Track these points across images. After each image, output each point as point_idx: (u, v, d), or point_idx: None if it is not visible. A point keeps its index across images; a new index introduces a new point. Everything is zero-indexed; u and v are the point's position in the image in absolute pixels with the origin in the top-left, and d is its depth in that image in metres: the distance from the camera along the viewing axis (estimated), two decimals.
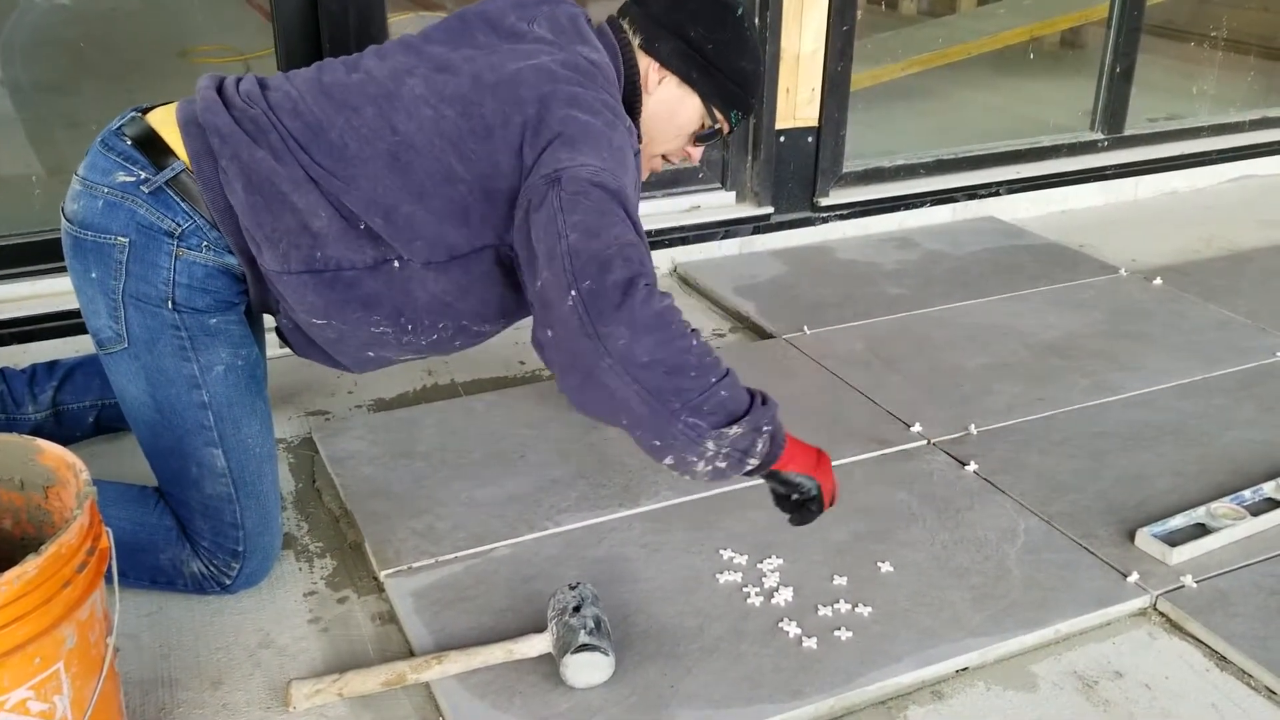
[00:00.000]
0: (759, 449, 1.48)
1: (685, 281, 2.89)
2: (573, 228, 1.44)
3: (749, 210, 3.00)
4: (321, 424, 2.14)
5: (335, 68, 1.65)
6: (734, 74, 1.72)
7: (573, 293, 1.41)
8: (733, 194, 3.01)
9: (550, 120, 1.52)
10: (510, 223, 1.55)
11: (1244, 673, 1.55)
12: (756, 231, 3.01)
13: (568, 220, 1.44)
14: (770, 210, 3.00)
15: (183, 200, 1.56)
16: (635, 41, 1.71)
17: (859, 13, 2.99)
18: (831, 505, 1.61)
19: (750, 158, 2.97)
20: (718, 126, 1.76)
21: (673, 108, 1.73)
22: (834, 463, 1.95)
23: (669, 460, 1.47)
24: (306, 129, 1.56)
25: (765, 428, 1.48)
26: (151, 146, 1.58)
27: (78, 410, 1.95)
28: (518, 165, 1.53)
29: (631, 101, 1.71)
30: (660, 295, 1.46)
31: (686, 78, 1.71)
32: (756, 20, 2.81)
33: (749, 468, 1.50)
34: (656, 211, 2.90)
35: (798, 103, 2.93)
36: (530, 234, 1.48)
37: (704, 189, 2.99)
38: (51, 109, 2.94)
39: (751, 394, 1.50)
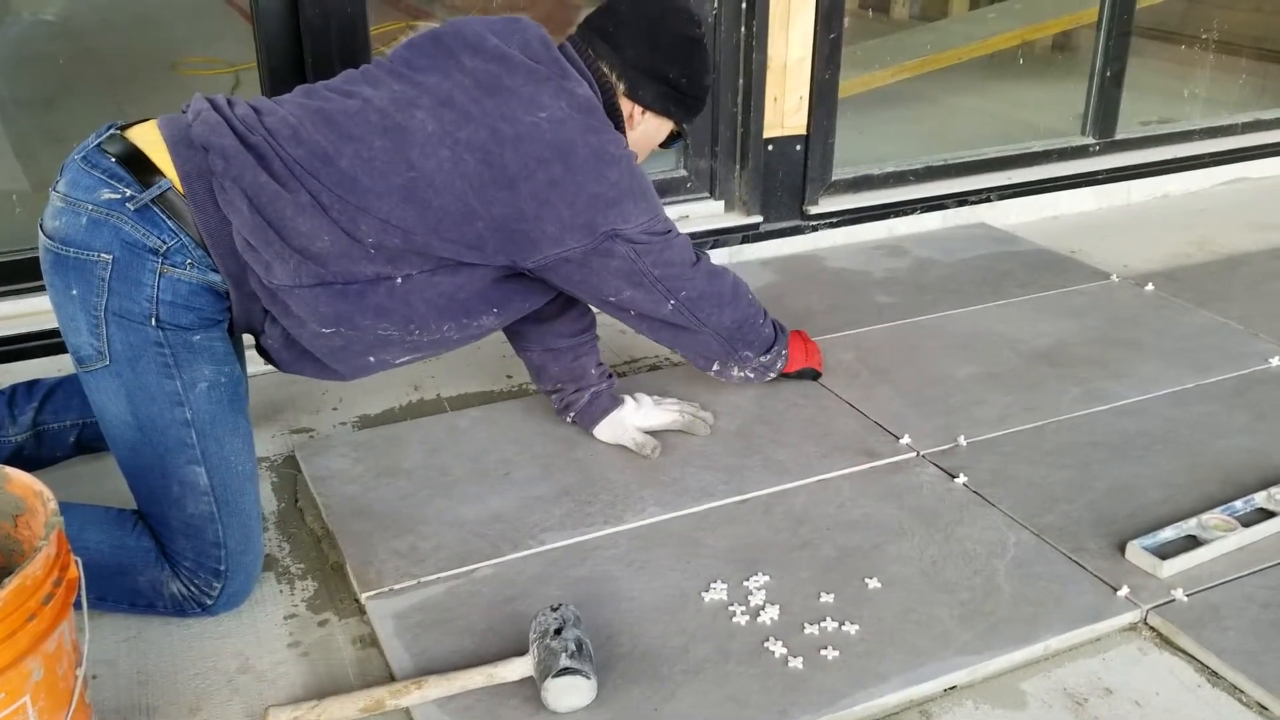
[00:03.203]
0: (778, 365, 2.17)
1: None
2: (654, 265, 1.79)
3: (737, 219, 2.98)
4: (305, 442, 2.12)
5: (328, 95, 1.68)
6: (701, 93, 1.89)
7: (671, 302, 1.86)
8: (721, 203, 2.99)
9: (581, 180, 1.66)
10: (524, 254, 1.70)
11: (1235, 689, 1.53)
12: (745, 241, 3.00)
13: (646, 262, 1.78)
14: (759, 219, 2.98)
15: (169, 218, 1.57)
16: (620, 87, 1.82)
17: (848, 19, 2.98)
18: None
19: (738, 167, 2.96)
20: (685, 131, 1.98)
21: (651, 135, 1.91)
22: (823, 476, 1.97)
23: (714, 372, 2.11)
24: (313, 157, 1.60)
25: (784, 351, 2.17)
26: (137, 164, 1.59)
27: (59, 430, 1.93)
28: (542, 213, 1.66)
29: (616, 126, 1.82)
30: (721, 270, 1.94)
31: (665, 113, 1.87)
32: (742, 30, 2.80)
33: (770, 377, 2.19)
34: None
35: (785, 111, 2.92)
36: (597, 277, 1.77)
37: (692, 198, 2.97)
38: (37, 124, 2.93)
39: (776, 325, 2.15)
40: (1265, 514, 1.85)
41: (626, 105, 1.84)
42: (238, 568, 1.63)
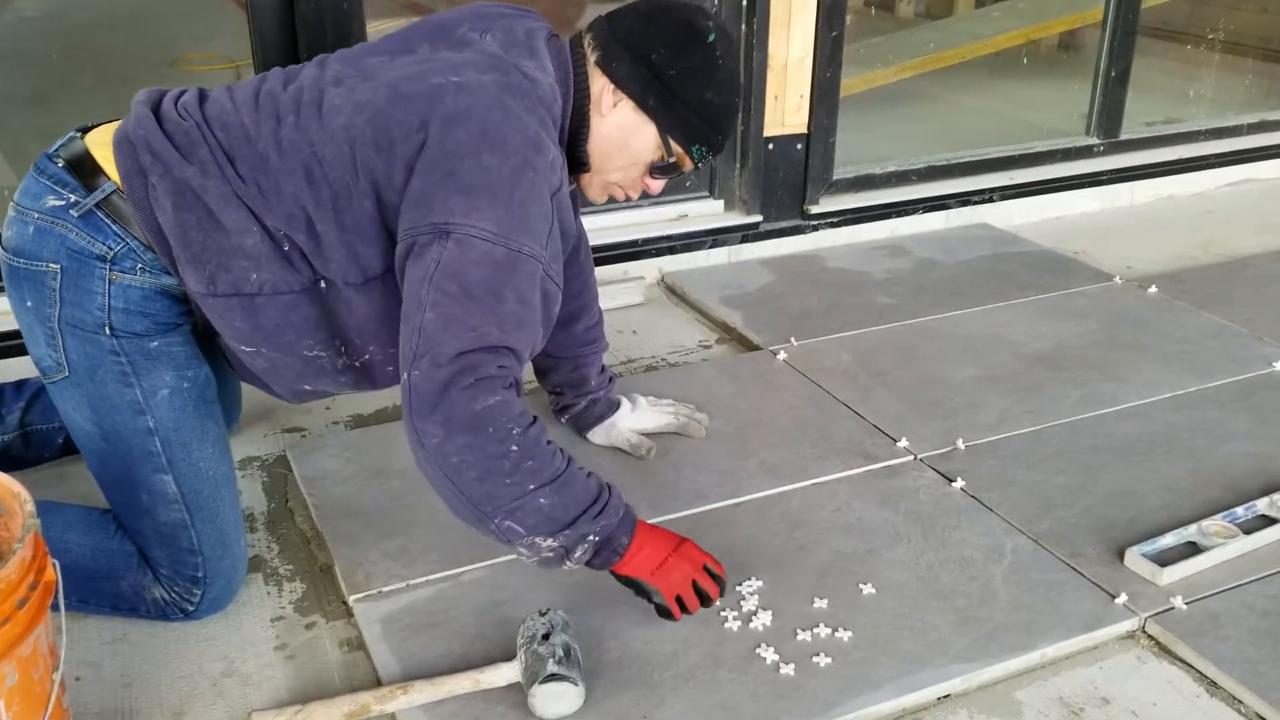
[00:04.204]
0: (577, 555, 1.47)
1: (672, 291, 2.85)
2: (433, 305, 1.40)
3: (737, 219, 2.95)
4: (296, 441, 2.10)
5: (276, 76, 1.59)
6: (697, 106, 1.58)
7: (405, 375, 1.42)
8: (721, 202, 2.97)
9: (453, 148, 1.43)
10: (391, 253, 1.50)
11: (1234, 699, 1.51)
12: (745, 240, 2.98)
13: (432, 294, 1.40)
14: (759, 218, 2.96)
15: (114, 222, 1.51)
16: (592, 58, 1.59)
17: (852, 16, 2.96)
18: (700, 604, 1.55)
19: (739, 165, 2.93)
20: (674, 160, 1.63)
21: (626, 134, 1.60)
22: (819, 480, 1.93)
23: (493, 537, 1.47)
24: (233, 141, 1.51)
25: (591, 537, 1.46)
26: (83, 168, 1.53)
27: (47, 431, 1.91)
28: (406, 179, 1.45)
29: (578, 127, 1.60)
30: (491, 390, 1.41)
31: (643, 104, 1.58)
32: (743, 27, 2.77)
33: (570, 566, 1.48)
34: (643, 220, 2.87)
35: (786, 110, 2.89)
36: (406, 276, 1.45)
37: (692, 197, 2.95)
38: (31, 123, 2.91)
39: (590, 502, 1.47)
40: (1267, 521, 1.82)
41: (599, 83, 1.58)
42: (216, 574, 1.60)
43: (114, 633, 1.60)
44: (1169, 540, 1.76)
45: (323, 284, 1.54)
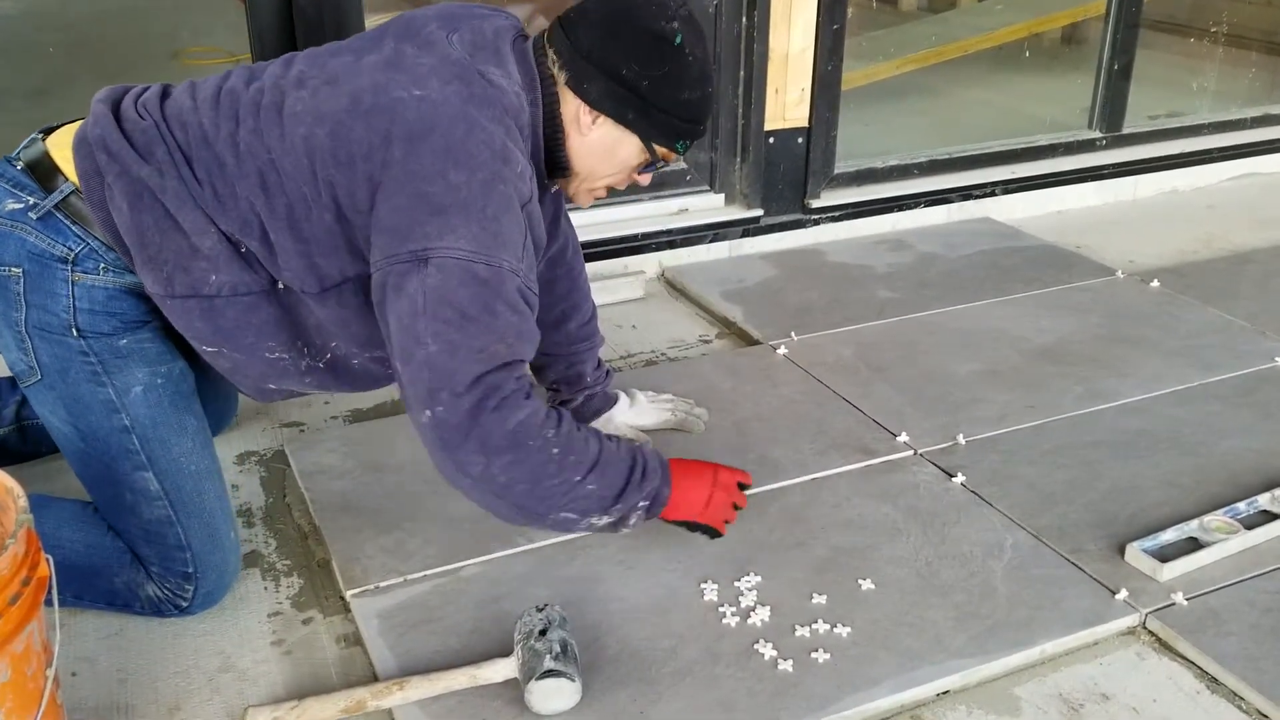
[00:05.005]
0: (632, 521, 1.56)
1: (672, 286, 2.84)
2: (434, 337, 1.39)
3: (738, 213, 2.94)
4: (295, 436, 2.10)
5: (239, 74, 1.56)
6: (676, 109, 1.56)
7: (427, 413, 1.41)
8: (721, 196, 2.96)
9: (418, 169, 1.40)
10: (364, 264, 1.48)
11: (1235, 695, 1.50)
12: (746, 234, 2.96)
13: (430, 326, 1.39)
14: (760, 213, 2.95)
15: (73, 223, 1.50)
16: (561, 78, 1.54)
17: (855, 10, 2.94)
18: (736, 510, 1.69)
19: (739, 159, 2.92)
20: (661, 160, 1.63)
21: (609, 148, 1.59)
22: (818, 475, 1.93)
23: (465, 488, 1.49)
24: (191, 141, 1.48)
25: (640, 504, 1.55)
26: (41, 169, 1.52)
27: (42, 425, 1.90)
28: (371, 197, 1.42)
29: (552, 135, 1.57)
30: (516, 406, 1.42)
31: (622, 119, 1.55)
32: (743, 20, 2.76)
33: (626, 530, 1.58)
34: (643, 214, 2.86)
35: (787, 103, 2.88)
36: (388, 313, 1.42)
37: (692, 191, 2.94)
38: (28, 116, 2.91)
39: (630, 471, 1.53)
40: (1269, 516, 1.81)
41: (573, 104, 1.55)
42: (207, 568, 1.59)
43: (110, 628, 1.60)
44: (1170, 536, 1.75)
45: (281, 286, 1.52)
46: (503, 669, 1.44)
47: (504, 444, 1.41)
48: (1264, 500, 1.84)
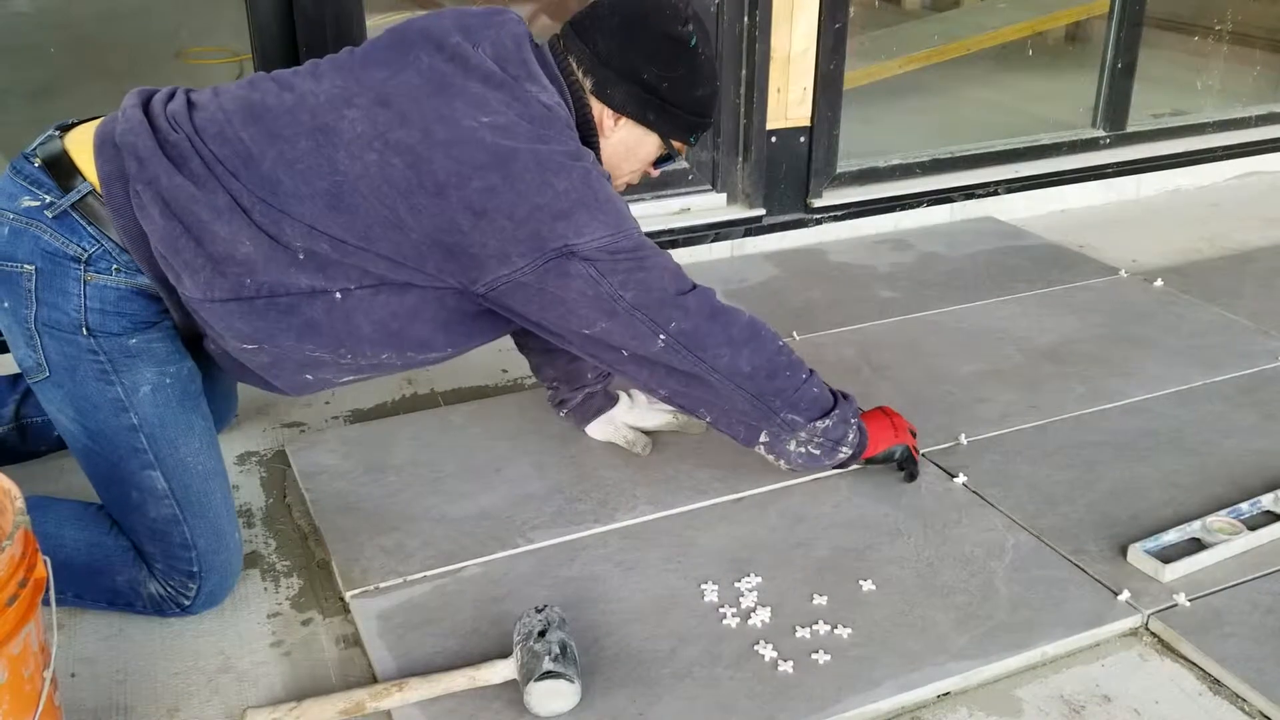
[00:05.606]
0: (850, 438, 1.77)
1: None
2: (623, 285, 1.55)
3: (740, 212, 2.94)
4: (295, 436, 2.10)
5: (267, 86, 1.58)
6: (691, 105, 1.67)
7: (661, 336, 1.59)
8: (723, 196, 2.95)
9: (525, 190, 1.49)
10: (470, 274, 1.53)
11: (1238, 697, 1.49)
12: (748, 234, 2.96)
13: (614, 281, 1.54)
14: (762, 212, 2.94)
15: (89, 224, 1.51)
16: (586, 85, 1.64)
17: (859, 8, 2.93)
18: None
19: (741, 159, 2.92)
20: (675, 152, 1.74)
21: (631, 147, 1.71)
22: (819, 474, 1.92)
23: (762, 447, 1.76)
24: (235, 156, 1.50)
25: (854, 419, 1.77)
26: (60, 168, 1.52)
27: (42, 424, 1.90)
28: (480, 226, 1.49)
29: (586, 139, 1.65)
30: (728, 307, 1.65)
31: (643, 120, 1.67)
32: (745, 19, 2.75)
33: (841, 456, 1.78)
34: (645, 214, 2.85)
35: (789, 102, 2.87)
36: (559, 304, 1.55)
37: (694, 191, 2.93)
38: (34, 115, 2.91)
39: (833, 390, 1.77)
40: (1272, 517, 1.80)
41: (596, 108, 1.65)
42: (211, 568, 1.59)
43: (110, 628, 1.60)
44: (1172, 536, 1.74)
45: (337, 295, 1.54)
46: (502, 670, 1.44)
47: (745, 335, 1.65)
48: (1267, 500, 1.83)
